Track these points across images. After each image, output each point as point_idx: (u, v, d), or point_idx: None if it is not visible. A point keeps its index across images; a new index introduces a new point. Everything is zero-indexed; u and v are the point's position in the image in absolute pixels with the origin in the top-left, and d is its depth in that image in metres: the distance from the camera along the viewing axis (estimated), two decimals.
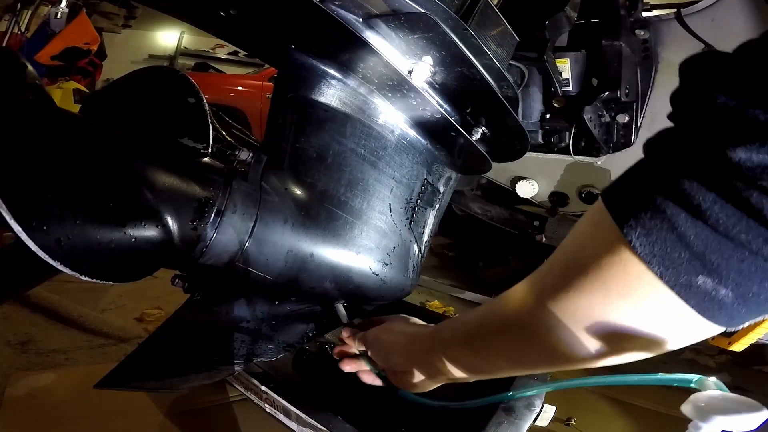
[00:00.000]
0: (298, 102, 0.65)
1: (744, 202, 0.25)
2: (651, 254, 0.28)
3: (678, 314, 0.29)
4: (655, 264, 0.28)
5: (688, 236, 0.27)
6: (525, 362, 0.43)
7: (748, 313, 0.28)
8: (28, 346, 1.22)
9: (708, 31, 1.26)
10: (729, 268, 0.26)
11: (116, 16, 4.14)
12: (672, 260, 0.27)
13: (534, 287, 0.38)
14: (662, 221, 0.27)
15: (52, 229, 0.46)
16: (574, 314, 0.33)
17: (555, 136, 1.46)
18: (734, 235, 0.25)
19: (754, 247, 0.25)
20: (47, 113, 0.54)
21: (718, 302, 0.28)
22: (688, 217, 0.27)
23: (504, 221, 1.70)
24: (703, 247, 0.27)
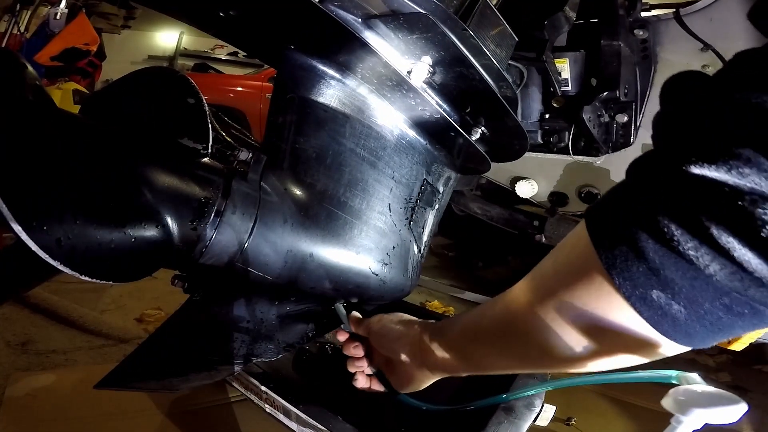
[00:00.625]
0: (298, 102, 0.65)
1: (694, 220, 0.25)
2: (612, 266, 0.30)
3: (634, 326, 0.31)
4: (615, 275, 0.29)
5: (646, 251, 0.28)
6: (519, 361, 0.44)
7: (706, 332, 0.29)
8: (28, 347, 1.22)
9: (707, 30, 1.26)
10: (681, 284, 0.27)
11: (115, 17, 4.15)
12: (630, 273, 0.29)
13: (529, 286, 0.40)
14: (626, 237, 0.29)
15: (52, 229, 0.46)
16: (546, 316, 0.36)
17: (554, 136, 1.46)
18: (685, 252, 0.26)
19: (701, 265, 0.26)
20: (47, 114, 0.55)
21: (672, 317, 0.29)
22: (649, 233, 0.28)
23: (504, 221, 1.70)
24: (659, 263, 0.27)
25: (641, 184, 0.29)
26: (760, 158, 0.23)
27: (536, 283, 0.39)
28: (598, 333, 0.33)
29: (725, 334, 0.29)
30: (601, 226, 0.31)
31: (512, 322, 0.41)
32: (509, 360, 0.45)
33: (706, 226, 0.25)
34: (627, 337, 0.32)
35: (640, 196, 0.29)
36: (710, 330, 0.29)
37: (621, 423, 1.17)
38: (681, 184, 0.26)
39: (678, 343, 0.30)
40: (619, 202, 0.31)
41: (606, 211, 0.32)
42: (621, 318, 0.31)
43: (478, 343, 0.48)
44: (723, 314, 0.27)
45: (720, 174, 0.24)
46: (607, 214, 0.32)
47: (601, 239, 0.31)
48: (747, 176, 0.23)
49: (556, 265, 0.38)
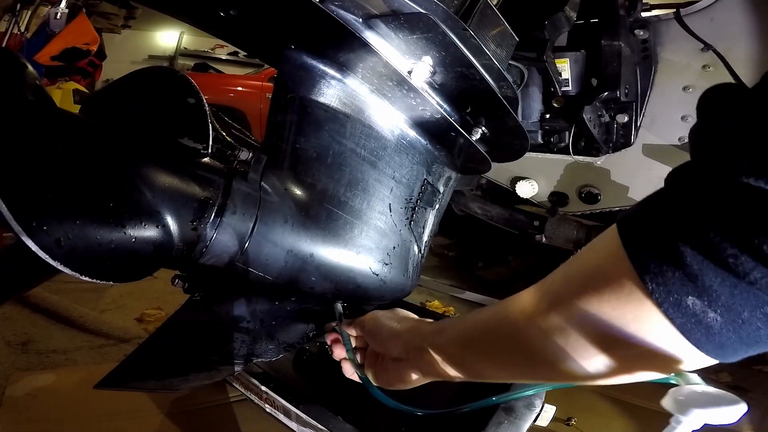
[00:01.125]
0: (298, 102, 0.65)
1: (736, 227, 0.25)
2: (645, 270, 0.29)
3: (663, 335, 0.30)
4: (648, 280, 0.28)
5: (684, 257, 0.27)
6: (523, 372, 0.42)
7: (739, 343, 0.28)
8: (28, 346, 1.22)
9: (707, 31, 1.26)
10: (720, 291, 0.27)
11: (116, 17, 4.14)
12: (665, 278, 0.28)
13: (542, 294, 0.38)
14: (662, 241, 0.28)
15: (52, 229, 0.46)
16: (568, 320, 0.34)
17: (555, 136, 1.46)
18: (725, 259, 0.26)
19: (741, 272, 0.25)
20: (47, 114, 0.54)
21: (706, 326, 0.28)
22: (687, 240, 0.27)
23: (504, 221, 1.70)
24: (697, 269, 0.27)
25: (682, 192, 0.29)
26: None
27: (548, 291, 0.38)
28: (621, 343, 0.32)
29: (758, 348, 0.29)
30: (635, 233, 0.30)
31: (518, 332, 0.39)
32: (512, 371, 0.43)
33: (750, 234, 0.25)
34: (652, 348, 0.31)
35: (680, 204, 0.28)
36: (744, 342, 0.28)
37: (621, 423, 1.17)
38: (727, 194, 0.26)
39: (708, 354, 0.29)
40: (656, 210, 0.30)
41: (641, 218, 0.31)
42: (648, 325, 0.30)
43: (477, 351, 0.46)
44: (762, 324, 0.27)
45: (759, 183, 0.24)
46: (642, 221, 0.31)
47: (634, 245, 0.30)
48: None
49: (574, 273, 0.36)
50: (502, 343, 0.42)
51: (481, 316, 0.46)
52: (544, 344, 0.36)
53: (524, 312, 0.39)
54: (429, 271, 2.20)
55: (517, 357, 0.41)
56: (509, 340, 0.41)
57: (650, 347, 0.31)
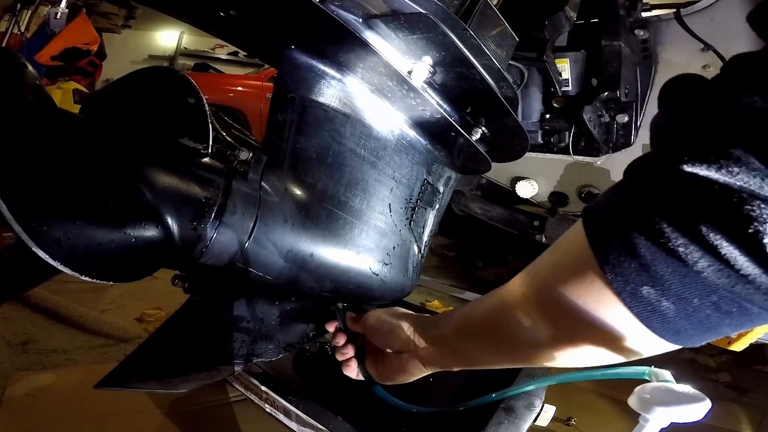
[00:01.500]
0: (298, 102, 0.65)
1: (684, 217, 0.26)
2: (605, 261, 0.30)
3: (625, 323, 0.31)
4: (608, 271, 0.30)
5: (639, 248, 0.28)
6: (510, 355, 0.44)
7: (693, 329, 0.29)
8: (28, 346, 1.22)
9: (707, 31, 1.26)
10: (672, 281, 0.28)
11: (116, 17, 4.14)
12: (623, 269, 0.29)
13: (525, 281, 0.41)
14: (620, 233, 0.30)
15: (52, 229, 0.46)
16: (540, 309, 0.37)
17: (555, 136, 1.46)
18: (675, 248, 0.27)
19: (690, 262, 0.26)
20: (47, 114, 0.54)
21: (661, 313, 0.29)
22: (641, 230, 0.28)
23: (504, 221, 1.70)
24: (650, 259, 0.28)
25: (636, 183, 0.30)
26: (750, 158, 0.24)
27: (531, 278, 0.40)
28: (589, 328, 0.34)
29: (713, 334, 0.30)
30: (596, 224, 0.32)
31: (505, 316, 0.42)
32: (500, 354, 0.45)
33: (696, 223, 0.25)
34: (616, 333, 0.33)
35: (634, 194, 0.30)
36: (698, 328, 0.29)
37: (621, 423, 1.17)
38: (673, 183, 0.27)
39: (666, 340, 0.31)
40: (614, 201, 0.32)
41: (602, 209, 0.33)
42: (611, 313, 0.32)
43: (470, 336, 0.48)
44: (711, 312, 0.28)
45: (711, 173, 0.25)
46: (602, 212, 0.33)
47: (596, 236, 0.32)
48: (736, 175, 0.24)
49: (551, 261, 0.38)
50: (493, 327, 0.44)
51: (476, 305, 0.48)
52: (525, 327, 0.39)
53: (509, 300, 0.42)
54: (429, 271, 2.20)
55: (506, 343, 0.43)
56: (498, 324, 0.43)
57: (614, 333, 0.33)
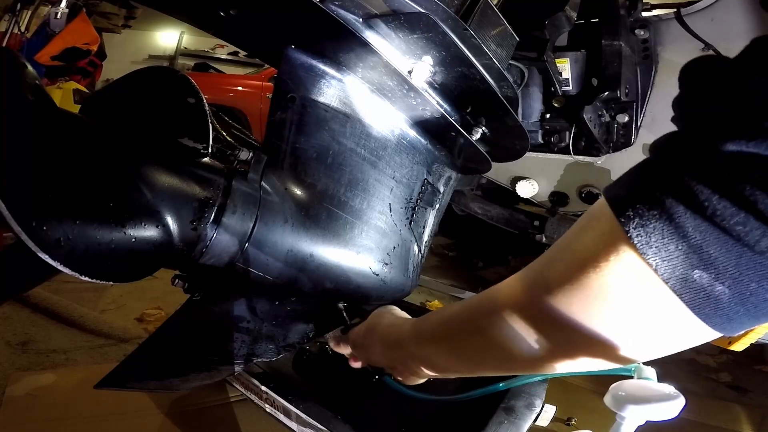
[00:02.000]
0: (298, 102, 0.65)
1: (738, 195, 0.24)
2: (647, 245, 0.27)
3: (671, 311, 0.28)
4: (650, 255, 0.27)
5: (686, 228, 0.26)
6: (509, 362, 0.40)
7: (746, 315, 0.27)
8: (28, 346, 1.22)
9: (708, 30, 1.26)
10: (727, 263, 0.25)
11: (116, 17, 4.14)
12: (668, 252, 0.26)
13: (527, 281, 0.36)
14: (660, 212, 0.26)
15: (52, 229, 0.46)
16: (569, 308, 0.32)
17: (555, 135, 1.46)
18: (731, 227, 0.24)
19: (751, 242, 0.24)
20: (47, 113, 0.54)
21: (714, 299, 0.26)
22: (687, 209, 0.26)
23: (504, 221, 1.70)
24: (701, 239, 0.25)
25: (674, 159, 0.27)
26: None
27: (535, 277, 0.35)
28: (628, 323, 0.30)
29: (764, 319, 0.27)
30: (627, 202, 0.28)
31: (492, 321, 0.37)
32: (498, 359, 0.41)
33: (753, 199, 0.23)
34: (660, 325, 0.29)
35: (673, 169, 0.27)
36: (753, 314, 0.27)
37: None
38: (716, 161, 0.25)
39: (715, 328, 0.28)
40: (646, 177, 0.28)
41: (631, 187, 0.29)
42: (657, 303, 0.28)
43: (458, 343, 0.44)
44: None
45: (758, 149, 0.23)
46: (633, 189, 0.28)
47: (629, 217, 0.27)
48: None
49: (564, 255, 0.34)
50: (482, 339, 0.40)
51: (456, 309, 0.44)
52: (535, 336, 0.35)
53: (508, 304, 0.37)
54: (429, 271, 2.20)
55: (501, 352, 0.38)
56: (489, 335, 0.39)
57: (656, 327, 0.29)
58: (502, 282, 0.39)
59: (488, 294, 0.40)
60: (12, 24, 3.08)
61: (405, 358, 0.52)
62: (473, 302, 0.42)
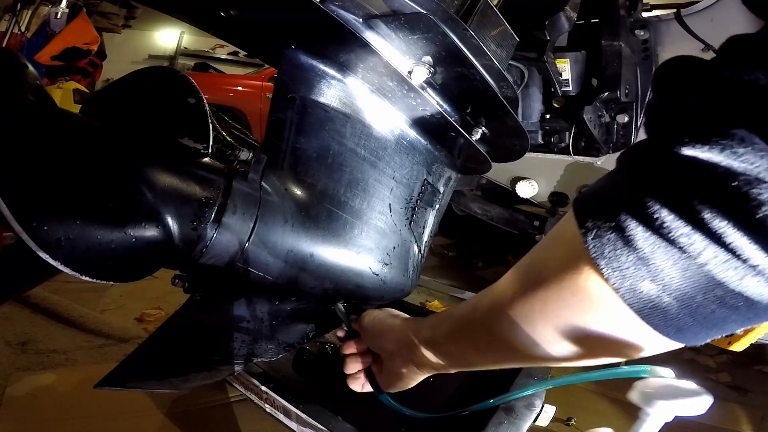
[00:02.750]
0: (298, 102, 0.65)
1: (685, 206, 0.24)
2: (601, 255, 0.28)
3: (625, 320, 0.29)
4: (603, 265, 0.28)
5: (635, 239, 0.26)
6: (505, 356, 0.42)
7: (697, 326, 0.27)
8: (28, 346, 1.22)
9: (707, 31, 1.26)
10: (673, 275, 0.26)
11: (116, 16, 4.14)
12: (619, 263, 0.27)
13: (514, 278, 0.39)
14: (614, 224, 0.27)
15: (52, 229, 0.46)
16: (531, 307, 0.34)
17: (555, 136, 1.46)
18: (677, 239, 0.25)
19: (694, 253, 0.24)
20: (48, 113, 0.54)
21: (663, 310, 0.27)
22: (638, 221, 0.26)
23: (504, 221, 1.70)
24: (649, 251, 0.26)
25: (630, 170, 0.28)
26: (755, 137, 0.22)
27: (521, 275, 0.38)
28: (585, 327, 0.32)
29: (719, 330, 0.28)
30: (588, 215, 0.29)
31: (497, 315, 0.39)
32: (494, 354, 0.44)
33: (698, 209, 0.23)
34: (616, 332, 0.30)
35: (629, 181, 0.27)
36: (703, 325, 0.27)
37: (621, 423, 1.17)
38: (671, 167, 0.25)
39: (669, 338, 0.29)
40: (607, 190, 0.30)
41: (594, 199, 0.30)
42: (610, 311, 0.29)
43: (462, 337, 0.47)
44: (716, 307, 0.26)
45: (712, 155, 0.23)
46: (595, 202, 0.30)
47: (589, 228, 0.29)
48: (741, 156, 0.22)
49: (541, 256, 0.36)
50: (486, 329, 0.42)
51: (465, 306, 0.46)
52: (516, 331, 0.37)
53: (498, 300, 0.39)
54: (429, 271, 2.20)
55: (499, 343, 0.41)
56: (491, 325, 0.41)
57: (614, 332, 0.31)
58: (502, 278, 0.42)
59: (491, 290, 0.43)
60: (12, 24, 3.08)
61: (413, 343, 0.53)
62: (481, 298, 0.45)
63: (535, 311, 0.35)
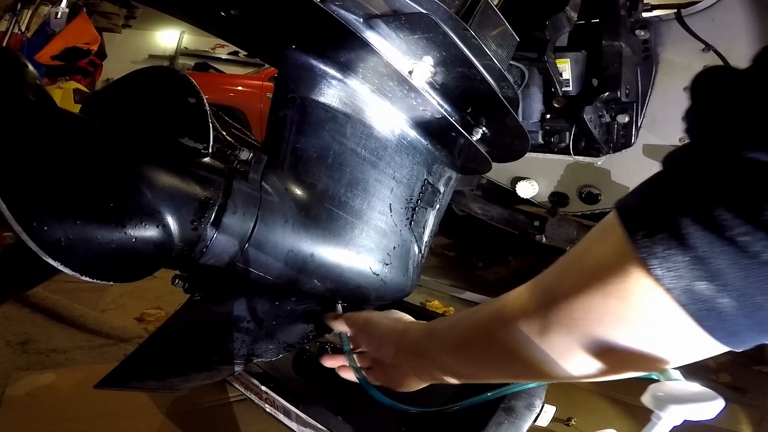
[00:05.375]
0: (299, 102, 0.65)
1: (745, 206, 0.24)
2: (652, 255, 0.27)
3: (676, 323, 0.28)
4: (655, 265, 0.27)
5: (691, 239, 0.26)
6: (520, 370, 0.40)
7: (752, 330, 0.27)
8: (28, 346, 1.22)
9: (708, 31, 1.26)
10: (732, 275, 0.25)
11: (116, 16, 4.13)
12: (673, 263, 0.26)
13: (537, 290, 0.37)
14: (667, 224, 0.27)
15: (52, 229, 0.46)
16: (571, 315, 0.32)
17: (555, 136, 1.46)
18: (737, 238, 0.24)
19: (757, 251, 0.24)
20: (48, 113, 0.54)
21: (719, 312, 0.26)
22: (693, 221, 0.26)
23: (504, 221, 1.70)
24: (706, 250, 0.25)
25: (684, 171, 0.27)
26: None
27: (544, 289, 0.36)
28: (628, 331, 0.30)
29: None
30: (637, 216, 0.28)
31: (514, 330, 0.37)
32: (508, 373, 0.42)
33: (760, 210, 0.23)
34: (661, 336, 0.29)
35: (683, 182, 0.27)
36: (758, 328, 0.27)
37: (621, 423, 1.17)
38: (732, 169, 0.24)
39: (720, 341, 0.28)
40: (658, 191, 0.29)
41: (643, 200, 0.29)
42: (658, 313, 0.28)
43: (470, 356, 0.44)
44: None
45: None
46: (644, 203, 0.29)
47: (637, 229, 0.28)
48: None
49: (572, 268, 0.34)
50: (496, 347, 0.40)
51: (473, 315, 0.44)
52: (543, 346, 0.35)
53: (518, 313, 0.37)
54: (429, 271, 2.20)
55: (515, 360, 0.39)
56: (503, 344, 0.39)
57: (659, 338, 0.30)
58: (512, 291, 0.40)
59: (500, 303, 0.40)
60: (12, 24, 3.08)
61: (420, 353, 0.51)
62: (486, 311, 0.43)
63: (576, 319, 0.32)
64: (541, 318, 0.35)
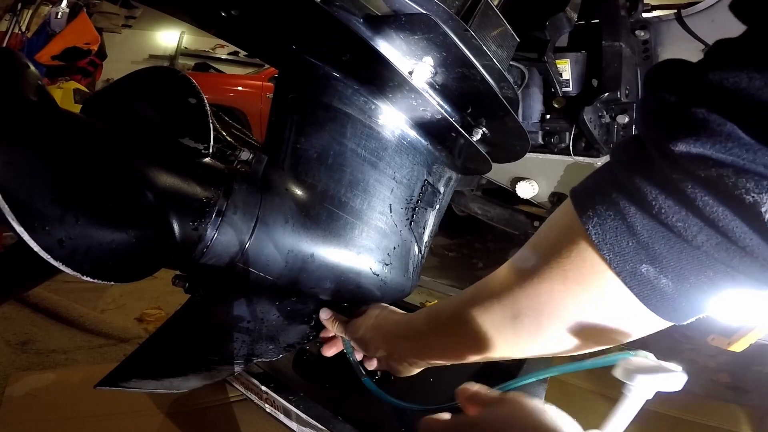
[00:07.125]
0: (299, 102, 0.65)
1: (681, 193, 0.26)
2: (603, 242, 0.30)
3: (624, 302, 0.31)
4: (605, 251, 0.30)
5: (636, 226, 0.29)
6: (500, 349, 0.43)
7: (689, 306, 0.30)
8: (28, 346, 1.22)
9: (708, 32, 1.26)
10: (669, 258, 0.28)
11: (116, 16, 4.14)
12: (621, 248, 0.30)
13: (510, 275, 0.40)
14: (615, 212, 0.30)
15: (53, 229, 0.46)
16: (538, 299, 0.36)
17: (555, 136, 1.46)
18: (674, 224, 0.27)
19: (689, 237, 0.27)
20: (49, 114, 0.54)
21: (660, 291, 0.29)
22: (637, 208, 0.28)
23: (504, 222, 1.70)
24: (648, 237, 0.28)
25: (627, 163, 0.30)
26: (740, 133, 0.24)
27: (518, 267, 0.39)
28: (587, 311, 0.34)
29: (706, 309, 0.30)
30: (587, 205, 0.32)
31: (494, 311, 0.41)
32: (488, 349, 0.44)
33: (693, 197, 0.25)
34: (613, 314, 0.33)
35: (626, 173, 0.29)
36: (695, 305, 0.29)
37: None
38: (666, 160, 0.27)
39: (663, 318, 0.31)
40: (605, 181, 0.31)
41: (592, 190, 0.32)
42: (609, 294, 0.32)
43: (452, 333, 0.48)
44: (708, 288, 0.28)
45: (704, 149, 0.25)
46: (593, 193, 0.32)
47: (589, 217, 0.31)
48: (729, 150, 0.24)
49: (538, 248, 0.38)
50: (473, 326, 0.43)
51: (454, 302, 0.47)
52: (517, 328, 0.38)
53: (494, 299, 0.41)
54: (429, 271, 2.20)
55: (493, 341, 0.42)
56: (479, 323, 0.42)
57: (610, 314, 0.33)
58: (490, 276, 0.44)
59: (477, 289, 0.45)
60: (13, 24, 3.08)
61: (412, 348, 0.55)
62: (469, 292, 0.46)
63: (542, 303, 0.36)
64: (512, 304, 0.38)
